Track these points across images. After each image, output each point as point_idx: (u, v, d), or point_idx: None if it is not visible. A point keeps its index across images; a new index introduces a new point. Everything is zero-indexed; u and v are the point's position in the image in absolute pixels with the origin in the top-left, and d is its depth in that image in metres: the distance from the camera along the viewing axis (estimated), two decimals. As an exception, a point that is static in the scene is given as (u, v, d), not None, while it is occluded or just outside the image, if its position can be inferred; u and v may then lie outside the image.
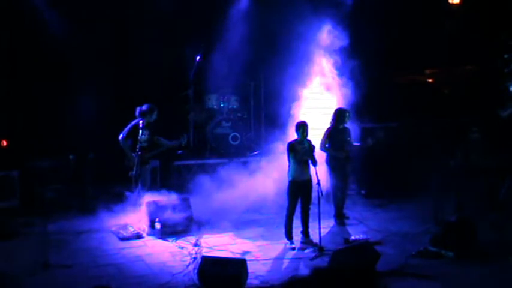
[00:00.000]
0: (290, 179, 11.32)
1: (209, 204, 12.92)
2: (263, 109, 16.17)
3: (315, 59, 13.99)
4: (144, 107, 12.46)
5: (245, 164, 14.58)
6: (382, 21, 14.65)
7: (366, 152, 13.47)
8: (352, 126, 12.88)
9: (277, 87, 14.73)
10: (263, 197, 13.17)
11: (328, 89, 13.97)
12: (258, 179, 13.46)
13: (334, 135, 12.44)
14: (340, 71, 13.92)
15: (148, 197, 12.23)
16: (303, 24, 13.90)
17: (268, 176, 13.31)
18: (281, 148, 12.19)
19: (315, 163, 11.12)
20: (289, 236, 11.40)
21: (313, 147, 11.33)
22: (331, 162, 12.48)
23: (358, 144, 12.71)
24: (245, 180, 13.49)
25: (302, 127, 11.23)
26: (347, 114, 12.58)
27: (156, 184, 13.26)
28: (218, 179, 13.67)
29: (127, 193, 12.57)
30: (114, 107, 14.22)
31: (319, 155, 11.98)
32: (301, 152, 11.16)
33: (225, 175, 13.73)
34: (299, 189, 11.30)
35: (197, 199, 12.87)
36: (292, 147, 11.24)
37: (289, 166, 11.34)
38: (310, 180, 11.18)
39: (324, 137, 12.43)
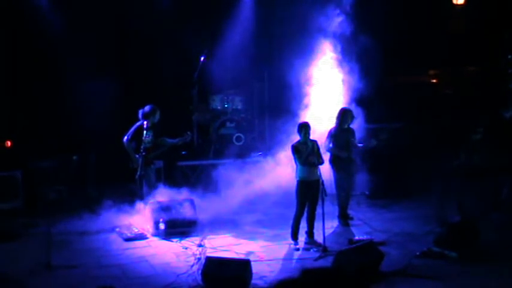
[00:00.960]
0: (298, 179, 11.29)
1: (213, 204, 12.92)
2: (267, 109, 16.15)
3: (318, 58, 14.02)
4: (146, 109, 12.46)
5: (249, 164, 14.57)
6: (385, 22, 14.64)
7: (370, 153, 13.44)
8: (355, 127, 12.86)
9: (282, 87, 14.75)
10: (267, 197, 13.19)
11: (332, 87, 14.02)
12: (262, 179, 13.47)
13: (338, 135, 12.42)
14: (344, 70, 13.97)
15: (153, 198, 12.23)
16: (305, 24, 13.92)
17: (272, 176, 13.31)
18: (286, 148, 12.18)
19: (320, 163, 11.12)
20: (295, 236, 11.38)
21: (319, 147, 11.32)
22: (334, 162, 12.46)
23: (361, 145, 12.69)
24: (249, 181, 13.49)
25: (304, 128, 11.22)
26: (351, 114, 12.57)
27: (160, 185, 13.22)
28: (222, 179, 13.68)
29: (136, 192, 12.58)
30: (117, 107, 14.22)
31: (324, 155, 12.00)
32: (305, 153, 11.16)
33: (229, 176, 13.74)
34: (308, 189, 11.26)
35: (201, 199, 12.87)
36: (295, 149, 11.23)
37: (296, 167, 11.34)
38: (318, 181, 11.11)
39: (327, 137, 12.43)
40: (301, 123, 11.39)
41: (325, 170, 11.90)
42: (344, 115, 12.49)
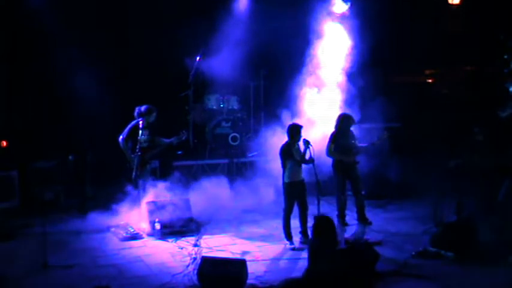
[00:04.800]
0: (287, 181, 11.35)
1: (209, 204, 12.92)
2: (263, 109, 16.15)
3: (315, 57, 14.04)
4: (143, 108, 12.48)
5: (245, 164, 14.57)
6: (381, 21, 14.63)
7: (366, 153, 13.43)
8: (354, 127, 12.86)
9: (277, 87, 14.77)
10: (263, 197, 13.21)
11: (328, 87, 14.05)
12: (257, 179, 13.48)
13: (339, 139, 12.41)
14: (341, 70, 14.01)
15: (148, 197, 12.23)
16: (302, 24, 13.93)
17: (267, 176, 13.32)
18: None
19: (312, 161, 11.13)
20: (288, 236, 11.41)
21: (310, 144, 11.27)
22: (336, 165, 12.46)
23: (364, 145, 12.67)
24: (244, 181, 13.50)
25: (295, 129, 11.26)
26: (351, 119, 12.55)
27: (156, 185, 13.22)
28: (218, 179, 13.68)
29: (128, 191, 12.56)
30: (114, 107, 14.20)
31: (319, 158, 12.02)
32: (298, 153, 11.19)
33: (224, 175, 13.72)
34: (295, 190, 11.34)
35: (197, 199, 12.86)
36: (286, 151, 11.25)
37: (283, 169, 11.36)
38: (304, 180, 11.35)
39: (328, 142, 12.41)
40: (292, 125, 11.45)
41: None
42: (344, 121, 12.46)
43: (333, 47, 14.07)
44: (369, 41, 13.83)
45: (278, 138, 13.01)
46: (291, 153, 11.24)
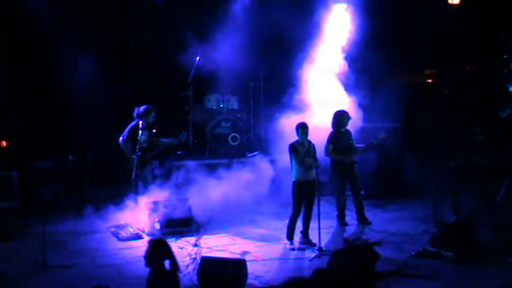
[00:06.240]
0: (294, 180, 11.34)
1: (209, 204, 12.90)
2: (263, 109, 16.14)
3: (314, 57, 14.06)
4: (141, 109, 12.48)
5: (244, 164, 14.55)
6: (381, 21, 14.64)
7: (366, 153, 13.43)
8: (352, 127, 12.85)
9: (277, 87, 14.77)
10: (263, 198, 13.19)
11: (330, 86, 14.08)
12: (257, 179, 13.47)
13: (337, 139, 12.41)
14: (341, 71, 14.03)
15: (148, 198, 12.23)
16: (302, 23, 13.94)
17: (267, 176, 13.32)
18: (281, 148, 12.19)
19: (316, 165, 11.14)
20: (290, 236, 11.40)
21: (314, 148, 11.31)
22: (335, 166, 12.47)
23: (362, 145, 12.67)
24: (245, 181, 13.49)
25: (302, 128, 11.24)
26: (346, 117, 12.55)
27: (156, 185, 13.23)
28: (218, 179, 13.67)
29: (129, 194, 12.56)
30: (113, 107, 14.21)
31: (323, 159, 12.02)
32: (302, 153, 11.18)
33: (224, 175, 13.73)
34: (303, 190, 11.30)
35: (197, 199, 12.85)
36: (293, 149, 11.25)
37: (292, 167, 11.35)
38: (314, 181, 11.20)
39: (327, 142, 12.40)
40: (300, 124, 11.40)
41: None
42: (340, 118, 12.47)
43: (335, 34, 14.13)
44: (368, 38, 13.86)
45: (278, 138, 13.10)
46: (295, 151, 11.25)
